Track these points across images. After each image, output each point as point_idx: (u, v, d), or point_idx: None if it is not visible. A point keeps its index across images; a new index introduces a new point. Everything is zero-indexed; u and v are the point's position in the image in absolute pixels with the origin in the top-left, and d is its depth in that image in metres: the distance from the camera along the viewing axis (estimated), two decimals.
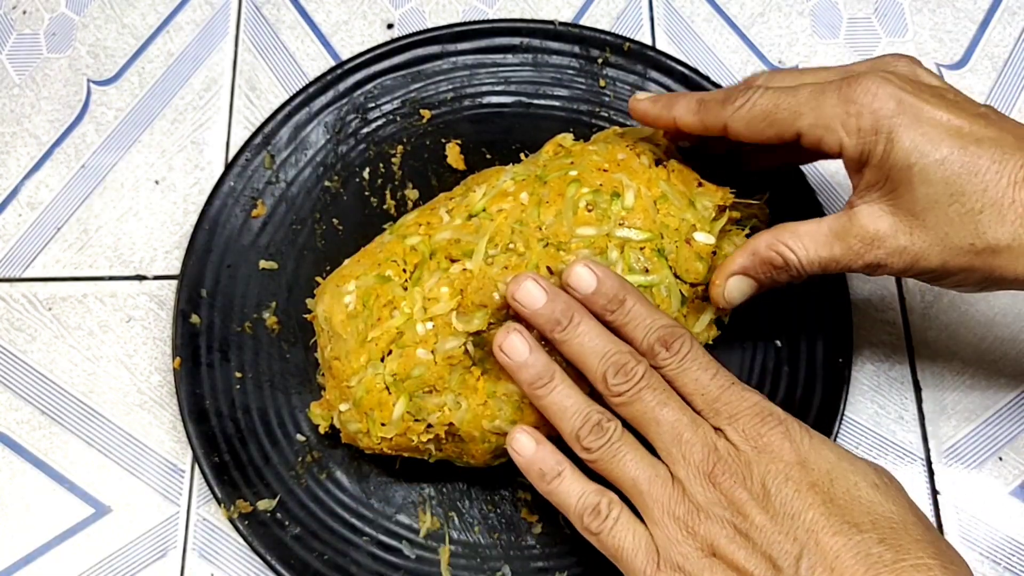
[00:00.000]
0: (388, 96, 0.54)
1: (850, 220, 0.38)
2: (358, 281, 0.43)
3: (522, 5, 0.59)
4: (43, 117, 0.57)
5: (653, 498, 0.36)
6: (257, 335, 0.49)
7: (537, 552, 0.45)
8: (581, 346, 0.39)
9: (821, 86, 0.38)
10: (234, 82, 0.57)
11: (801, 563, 0.32)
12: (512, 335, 0.39)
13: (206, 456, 0.46)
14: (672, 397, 0.37)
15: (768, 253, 0.40)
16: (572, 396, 0.39)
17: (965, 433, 0.49)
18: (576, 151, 0.45)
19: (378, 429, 0.42)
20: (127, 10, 0.59)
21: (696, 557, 0.35)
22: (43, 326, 0.52)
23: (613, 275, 0.40)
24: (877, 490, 0.34)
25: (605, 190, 0.42)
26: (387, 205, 0.52)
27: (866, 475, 0.35)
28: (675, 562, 0.35)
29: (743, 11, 0.59)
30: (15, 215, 0.54)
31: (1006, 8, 0.58)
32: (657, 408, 0.37)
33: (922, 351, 0.50)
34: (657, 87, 0.53)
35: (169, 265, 0.53)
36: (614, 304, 0.39)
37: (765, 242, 0.40)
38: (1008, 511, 0.47)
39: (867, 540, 0.32)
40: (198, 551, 0.47)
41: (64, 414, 0.50)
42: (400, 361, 0.41)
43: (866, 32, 0.58)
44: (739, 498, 0.34)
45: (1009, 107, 0.56)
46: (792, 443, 0.35)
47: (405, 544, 0.45)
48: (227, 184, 0.51)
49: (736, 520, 0.34)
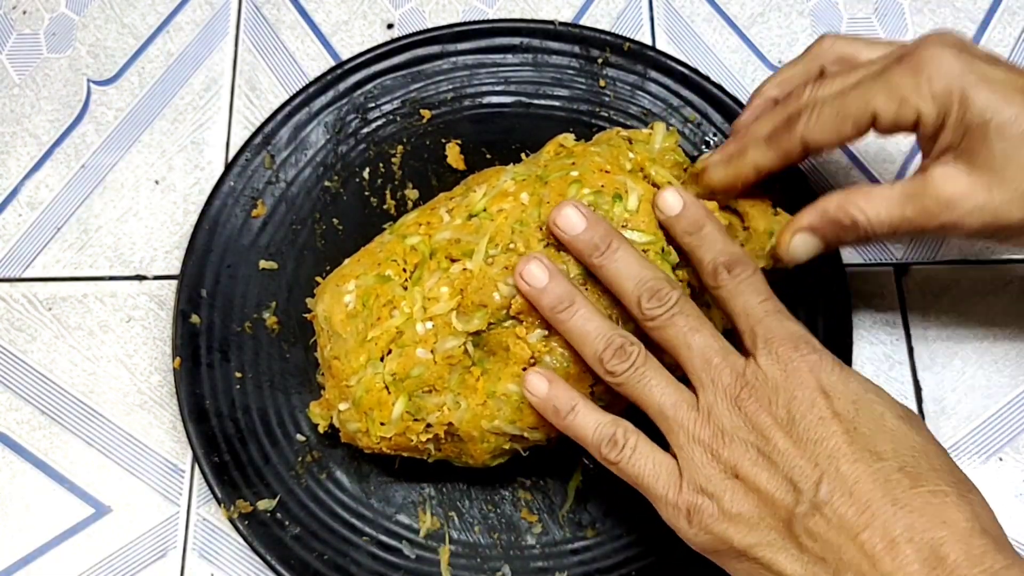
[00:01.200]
0: (388, 96, 0.54)
1: (925, 182, 0.39)
2: (358, 281, 0.43)
3: (522, 5, 0.59)
4: (43, 117, 0.57)
5: (679, 423, 0.37)
6: (257, 335, 0.49)
7: (537, 552, 0.45)
8: (618, 271, 0.39)
9: (879, 68, 0.39)
10: (234, 82, 0.57)
11: (821, 487, 0.33)
12: (532, 262, 0.40)
13: (206, 456, 0.46)
14: (704, 323, 0.38)
15: (837, 214, 0.40)
16: (594, 320, 0.39)
17: (965, 433, 0.49)
18: (577, 151, 0.45)
19: (377, 429, 0.42)
20: (127, 10, 0.60)
21: (719, 479, 0.35)
22: (43, 326, 0.52)
23: (699, 203, 0.41)
24: (902, 421, 0.35)
25: (607, 191, 0.42)
26: (387, 205, 0.52)
27: (892, 407, 0.35)
28: (698, 484, 0.36)
29: (743, 11, 0.59)
30: (15, 215, 0.54)
31: (1006, 8, 0.58)
32: (689, 333, 0.38)
33: (922, 351, 0.50)
34: (657, 87, 0.53)
35: (169, 265, 0.53)
36: (695, 227, 0.40)
37: (836, 202, 0.41)
38: (1008, 511, 0.47)
39: (887, 467, 0.33)
40: (198, 551, 0.47)
41: (64, 414, 0.50)
42: (400, 361, 0.41)
43: (866, 32, 0.58)
44: (763, 422, 0.35)
45: None
46: (821, 372, 0.36)
47: (405, 544, 0.45)
48: (227, 184, 0.51)
49: (760, 443, 0.35)
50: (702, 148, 0.52)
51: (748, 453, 0.35)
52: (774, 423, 0.35)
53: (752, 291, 0.38)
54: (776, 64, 0.57)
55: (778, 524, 0.34)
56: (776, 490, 0.34)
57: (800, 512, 0.33)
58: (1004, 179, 0.37)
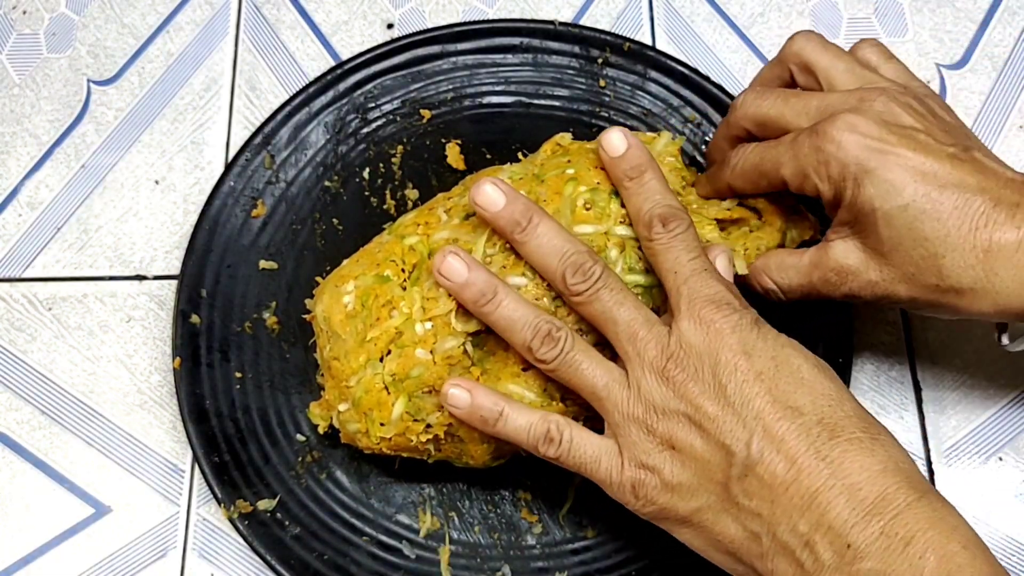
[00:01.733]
0: (388, 96, 0.54)
1: (826, 254, 0.41)
2: (357, 281, 0.43)
3: (522, 5, 0.59)
4: (43, 117, 0.57)
5: (612, 402, 0.38)
6: (257, 335, 0.49)
7: (537, 552, 0.45)
8: (540, 247, 0.39)
9: (796, 136, 0.40)
10: (234, 82, 0.57)
11: (751, 447, 0.35)
12: (449, 257, 0.40)
13: (206, 456, 0.46)
14: (628, 295, 0.39)
15: (754, 281, 0.44)
16: (519, 308, 0.39)
17: (965, 433, 0.49)
18: (573, 150, 0.45)
19: (377, 429, 0.42)
20: (127, 10, 0.60)
21: (657, 452, 0.37)
22: (43, 326, 0.52)
23: (644, 149, 0.41)
24: (817, 370, 0.36)
25: (603, 188, 0.42)
26: (387, 205, 0.52)
27: (808, 358, 0.37)
28: (638, 460, 0.37)
29: (743, 11, 0.59)
30: (15, 215, 0.54)
31: (1006, 8, 0.58)
32: (614, 307, 0.38)
33: (922, 351, 0.50)
34: (657, 87, 0.53)
35: (169, 265, 0.53)
36: (636, 172, 0.41)
37: (753, 271, 0.44)
38: (1009, 511, 0.47)
39: (808, 421, 0.34)
40: (198, 551, 0.47)
41: (64, 414, 0.50)
42: (399, 361, 0.41)
43: (866, 32, 0.58)
44: (691, 391, 0.36)
45: (1009, 107, 0.56)
46: (740, 332, 0.36)
47: (405, 544, 0.45)
48: (227, 184, 0.51)
49: (690, 412, 0.36)
50: (702, 148, 0.52)
51: (680, 423, 0.36)
52: (701, 391, 0.36)
53: (684, 247, 0.39)
54: None
55: (716, 488, 0.36)
56: (711, 455, 0.36)
57: (735, 474, 0.35)
58: (892, 262, 0.39)
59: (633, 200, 0.41)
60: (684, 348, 0.37)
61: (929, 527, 0.32)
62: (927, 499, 0.33)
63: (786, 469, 0.34)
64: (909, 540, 0.31)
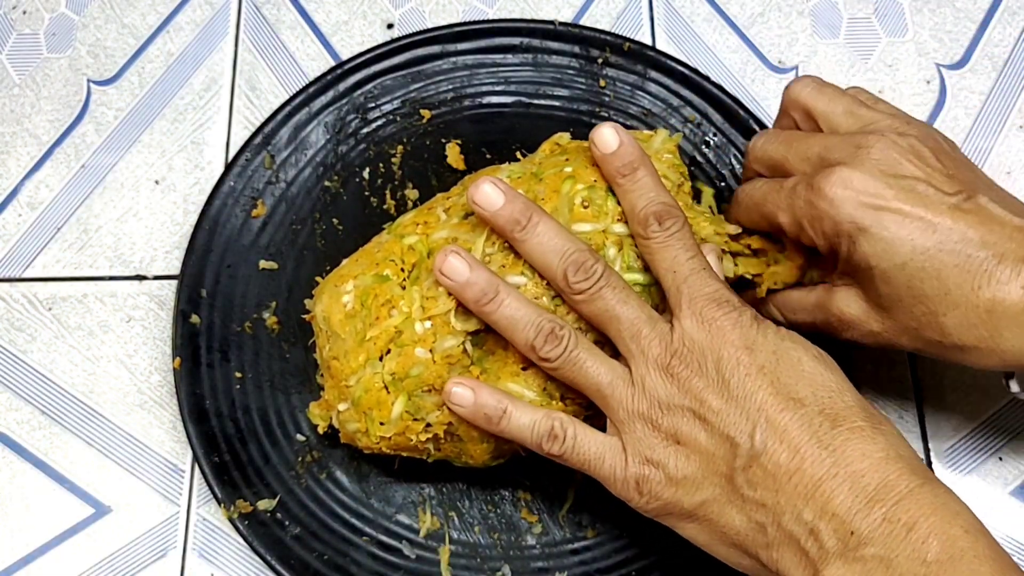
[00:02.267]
0: (388, 96, 0.54)
1: (829, 299, 0.41)
2: (356, 281, 0.43)
3: (522, 5, 0.59)
4: (43, 117, 0.57)
5: (616, 399, 0.38)
6: (257, 335, 0.49)
7: (537, 552, 0.45)
8: (540, 245, 0.39)
9: (795, 185, 0.40)
10: (234, 82, 0.57)
11: (755, 438, 0.35)
12: (450, 256, 0.40)
13: (206, 456, 0.46)
14: (630, 293, 0.39)
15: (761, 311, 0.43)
16: (521, 308, 0.39)
17: (965, 433, 0.49)
18: (571, 148, 0.45)
19: (377, 428, 0.42)
20: (127, 10, 0.60)
21: (662, 447, 0.37)
22: (43, 326, 0.52)
23: (636, 145, 0.41)
24: (817, 362, 0.36)
25: (600, 186, 0.42)
26: (387, 205, 0.52)
27: (808, 350, 0.37)
28: (643, 455, 0.37)
29: (743, 11, 0.59)
30: (15, 215, 0.54)
31: (1006, 8, 0.58)
32: (617, 305, 0.38)
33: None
34: (657, 87, 0.53)
35: (169, 265, 0.53)
36: (628, 169, 0.40)
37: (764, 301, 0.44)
38: (1008, 511, 0.47)
39: (809, 412, 0.35)
40: (198, 551, 0.47)
41: (64, 414, 0.50)
42: (399, 360, 0.41)
43: (866, 32, 0.58)
44: (695, 386, 0.36)
45: (1009, 107, 0.56)
46: (741, 328, 0.37)
47: (405, 544, 0.45)
48: (227, 184, 0.51)
49: (695, 407, 0.36)
50: (702, 148, 0.52)
51: (685, 418, 0.37)
52: (705, 385, 0.36)
53: (681, 246, 0.39)
54: (776, 64, 0.57)
55: (721, 480, 0.36)
56: (716, 448, 0.36)
57: (739, 465, 0.35)
58: (893, 316, 0.39)
59: (627, 197, 0.41)
60: (687, 345, 0.37)
61: (932, 513, 0.32)
62: (929, 485, 0.33)
63: (789, 458, 0.34)
64: (912, 526, 0.32)
